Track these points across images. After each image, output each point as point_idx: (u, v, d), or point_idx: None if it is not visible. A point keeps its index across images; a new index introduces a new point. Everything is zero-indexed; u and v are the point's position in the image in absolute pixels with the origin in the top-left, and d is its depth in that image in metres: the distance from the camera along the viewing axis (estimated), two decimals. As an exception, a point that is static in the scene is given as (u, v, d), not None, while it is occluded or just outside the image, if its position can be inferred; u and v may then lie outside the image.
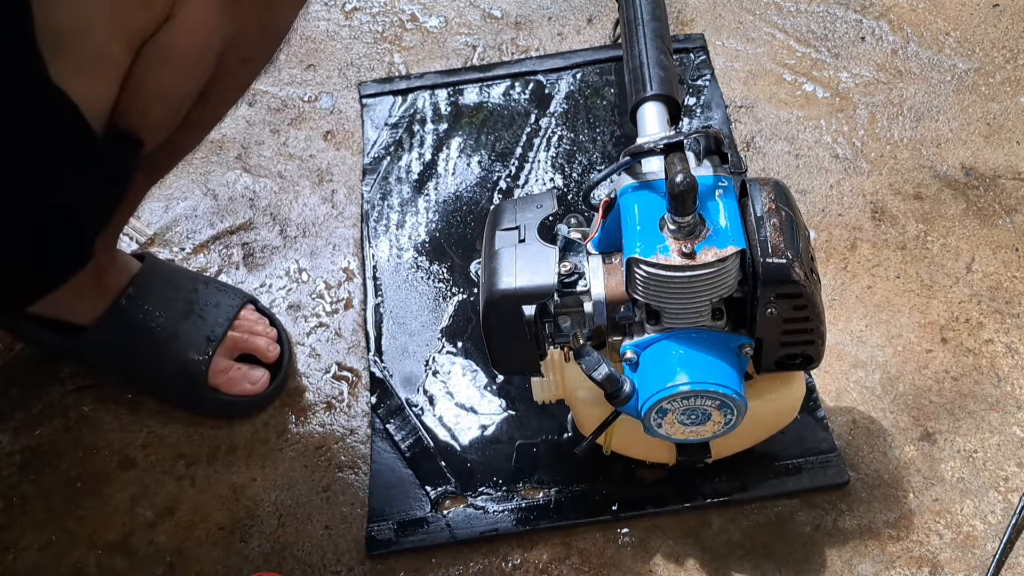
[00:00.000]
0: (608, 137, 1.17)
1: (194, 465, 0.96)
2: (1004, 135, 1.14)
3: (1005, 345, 0.98)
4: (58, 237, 0.73)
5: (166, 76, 0.71)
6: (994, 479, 0.90)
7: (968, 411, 0.94)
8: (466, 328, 1.03)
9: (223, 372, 0.96)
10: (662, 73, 0.90)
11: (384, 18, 1.33)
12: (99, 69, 0.66)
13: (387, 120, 1.21)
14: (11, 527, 0.93)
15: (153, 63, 0.68)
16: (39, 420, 0.99)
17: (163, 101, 0.73)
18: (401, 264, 1.08)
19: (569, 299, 0.75)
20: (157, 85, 0.71)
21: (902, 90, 1.19)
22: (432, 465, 0.94)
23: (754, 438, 0.88)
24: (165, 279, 0.99)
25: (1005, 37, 1.23)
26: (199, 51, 0.71)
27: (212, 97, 0.79)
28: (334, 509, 0.92)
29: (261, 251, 1.11)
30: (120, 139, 0.71)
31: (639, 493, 0.90)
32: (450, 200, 1.13)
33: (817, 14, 1.27)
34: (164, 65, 0.69)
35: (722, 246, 0.69)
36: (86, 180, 0.71)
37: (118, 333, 0.95)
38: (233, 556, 0.90)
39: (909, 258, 1.05)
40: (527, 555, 0.89)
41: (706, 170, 0.74)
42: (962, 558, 0.86)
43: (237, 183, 1.17)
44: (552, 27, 1.29)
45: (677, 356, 0.73)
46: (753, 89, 1.20)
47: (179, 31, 0.67)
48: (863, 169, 1.12)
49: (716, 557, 0.87)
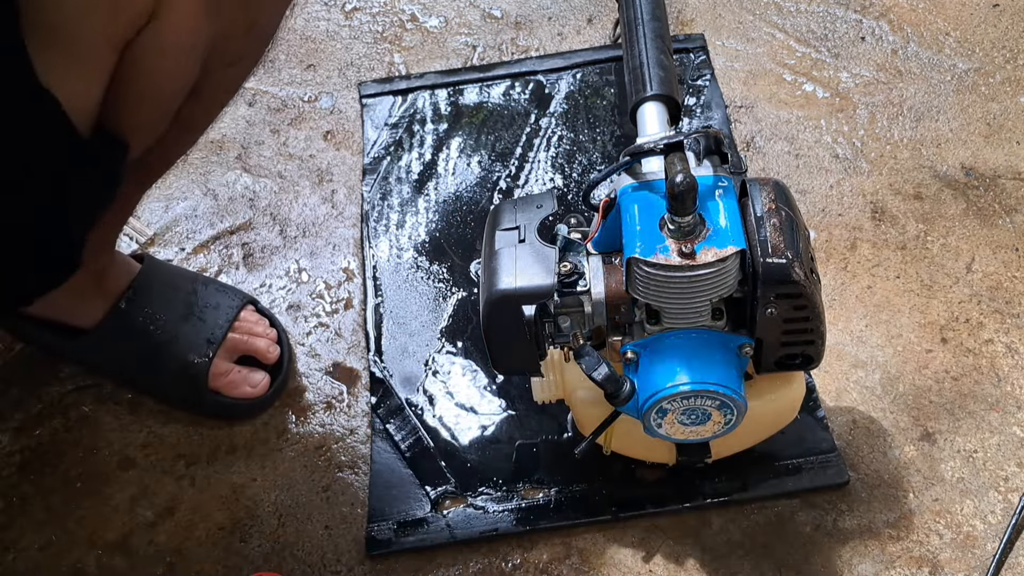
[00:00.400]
0: (608, 137, 1.17)
1: (194, 465, 0.96)
2: (1004, 135, 1.14)
3: (1005, 345, 0.98)
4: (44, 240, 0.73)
5: (151, 76, 0.70)
6: (994, 479, 0.90)
7: (968, 411, 0.94)
8: (466, 328, 1.03)
9: (223, 375, 0.96)
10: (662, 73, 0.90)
11: (384, 18, 1.33)
12: (83, 68, 0.66)
13: (387, 120, 1.21)
14: (11, 527, 0.93)
15: (138, 63, 0.68)
16: (39, 420, 0.99)
17: (149, 102, 0.73)
18: (401, 264, 1.08)
19: (569, 299, 0.75)
20: (142, 85, 0.71)
21: (902, 90, 1.19)
22: (432, 465, 0.94)
23: (754, 438, 0.88)
24: (165, 281, 0.99)
25: (1005, 37, 1.23)
26: (183, 51, 0.71)
27: (202, 99, 0.79)
28: (334, 509, 0.92)
29: (261, 251, 1.11)
30: (106, 141, 0.71)
31: (639, 493, 0.90)
32: (450, 200, 1.13)
33: (817, 14, 1.27)
34: (149, 65, 0.69)
35: (722, 246, 0.69)
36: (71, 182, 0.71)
37: (118, 336, 0.95)
38: (233, 556, 0.90)
39: (909, 258, 1.05)
40: (527, 555, 0.89)
41: (706, 170, 0.74)
42: (962, 558, 0.86)
43: (237, 183, 1.17)
44: (552, 27, 1.29)
45: (677, 356, 0.73)
46: (753, 89, 1.20)
47: (163, 31, 0.67)
48: (863, 169, 1.12)
49: (716, 557, 0.87)
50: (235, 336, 0.97)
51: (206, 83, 0.76)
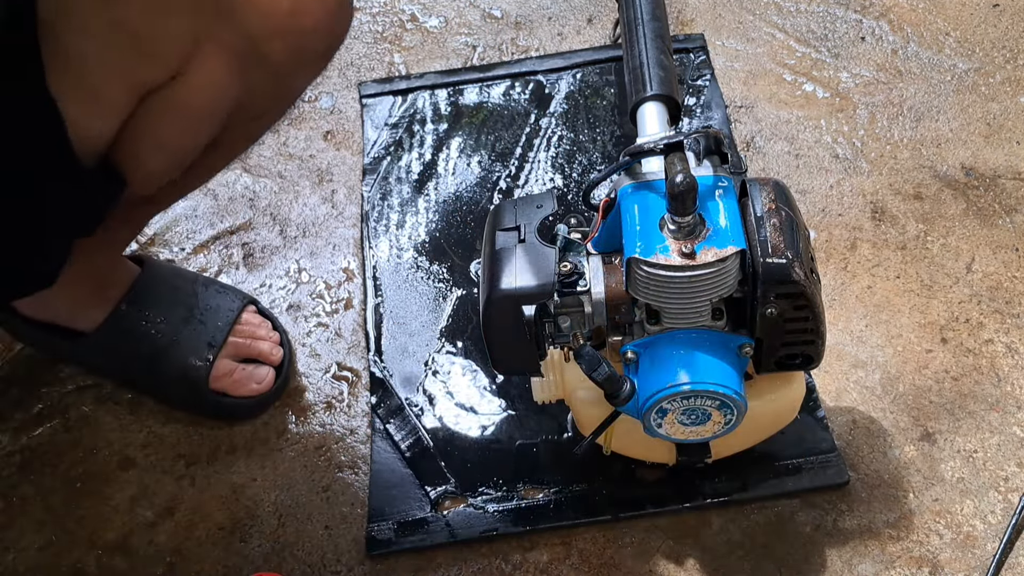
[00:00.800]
0: (608, 137, 1.17)
1: (194, 465, 0.96)
2: (1004, 135, 1.14)
3: (1005, 345, 0.98)
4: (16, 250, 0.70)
5: (169, 129, 0.69)
6: (994, 479, 0.90)
7: (968, 411, 0.94)
8: (466, 328, 1.03)
9: (228, 375, 0.96)
10: (662, 73, 0.90)
11: (384, 18, 1.33)
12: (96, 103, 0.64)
13: (387, 120, 1.21)
14: (11, 527, 0.93)
15: (157, 114, 0.66)
16: (39, 420, 0.99)
17: (163, 153, 0.71)
18: (401, 264, 1.08)
19: (569, 299, 0.75)
20: (159, 137, 0.69)
21: (902, 90, 1.19)
22: (432, 465, 0.94)
23: (754, 438, 0.87)
24: (165, 284, 0.98)
25: (1005, 37, 1.23)
26: (207, 110, 0.69)
27: (221, 147, 0.76)
28: (334, 509, 0.92)
29: (261, 251, 1.11)
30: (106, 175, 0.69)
31: (639, 493, 0.90)
32: (450, 200, 1.13)
33: (817, 14, 1.27)
34: (168, 118, 0.67)
35: (722, 246, 0.69)
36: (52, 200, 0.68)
37: (118, 340, 0.95)
38: (233, 556, 0.90)
39: (909, 258, 1.05)
40: (527, 555, 0.89)
41: (706, 170, 0.74)
42: (962, 558, 0.86)
43: (237, 183, 1.17)
44: (552, 27, 1.29)
45: (677, 356, 0.73)
46: (753, 89, 1.20)
47: (188, 88, 0.65)
48: (863, 169, 1.12)
49: (716, 557, 0.87)
50: (238, 340, 0.97)
51: (227, 134, 0.74)
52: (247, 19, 0.64)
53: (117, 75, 0.63)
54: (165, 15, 0.61)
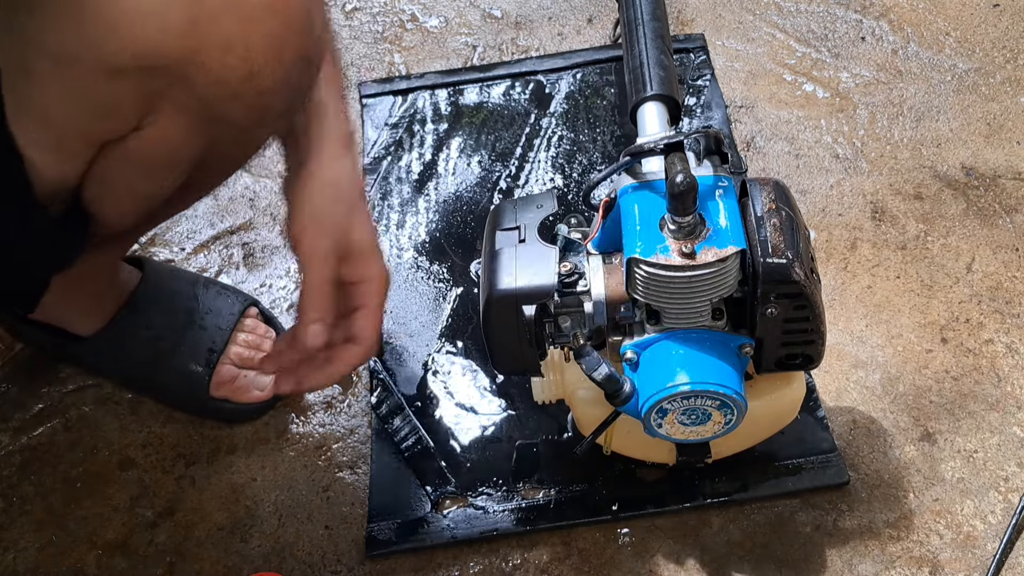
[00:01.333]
0: (608, 137, 1.17)
1: (194, 465, 0.96)
2: (1004, 135, 1.14)
3: (1005, 345, 0.98)
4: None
5: (131, 177, 0.69)
6: (994, 479, 0.90)
7: (968, 411, 0.94)
8: (466, 328, 1.03)
9: (230, 382, 0.95)
10: (662, 73, 0.90)
11: (384, 18, 1.33)
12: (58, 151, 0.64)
13: (387, 120, 1.21)
14: (11, 527, 0.93)
15: (118, 162, 0.66)
16: (39, 420, 0.99)
17: (128, 197, 0.71)
18: (401, 264, 1.08)
19: (569, 299, 0.75)
20: (122, 183, 0.69)
21: (902, 90, 1.19)
22: (432, 465, 0.94)
23: (754, 438, 0.87)
24: (165, 288, 0.97)
25: (1005, 37, 1.23)
26: (166, 160, 0.68)
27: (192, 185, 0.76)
28: (334, 509, 0.92)
29: (261, 251, 1.11)
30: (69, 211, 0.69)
31: (639, 493, 0.90)
32: (450, 200, 1.13)
33: (817, 14, 1.27)
34: (129, 167, 0.67)
35: (722, 246, 0.69)
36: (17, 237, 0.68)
37: (118, 346, 0.94)
38: (233, 556, 0.90)
39: (909, 258, 1.05)
40: (527, 555, 0.89)
41: (706, 170, 0.74)
42: (962, 558, 0.86)
43: (237, 183, 1.17)
44: (552, 27, 1.29)
45: (677, 356, 0.73)
46: (753, 89, 1.20)
47: (145, 141, 0.65)
48: (863, 169, 1.12)
49: (716, 557, 0.87)
50: (241, 350, 0.96)
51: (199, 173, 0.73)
52: (201, 85, 0.61)
53: (74, 128, 0.63)
54: (118, 78, 0.59)
